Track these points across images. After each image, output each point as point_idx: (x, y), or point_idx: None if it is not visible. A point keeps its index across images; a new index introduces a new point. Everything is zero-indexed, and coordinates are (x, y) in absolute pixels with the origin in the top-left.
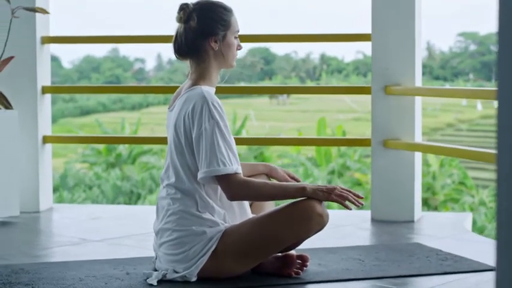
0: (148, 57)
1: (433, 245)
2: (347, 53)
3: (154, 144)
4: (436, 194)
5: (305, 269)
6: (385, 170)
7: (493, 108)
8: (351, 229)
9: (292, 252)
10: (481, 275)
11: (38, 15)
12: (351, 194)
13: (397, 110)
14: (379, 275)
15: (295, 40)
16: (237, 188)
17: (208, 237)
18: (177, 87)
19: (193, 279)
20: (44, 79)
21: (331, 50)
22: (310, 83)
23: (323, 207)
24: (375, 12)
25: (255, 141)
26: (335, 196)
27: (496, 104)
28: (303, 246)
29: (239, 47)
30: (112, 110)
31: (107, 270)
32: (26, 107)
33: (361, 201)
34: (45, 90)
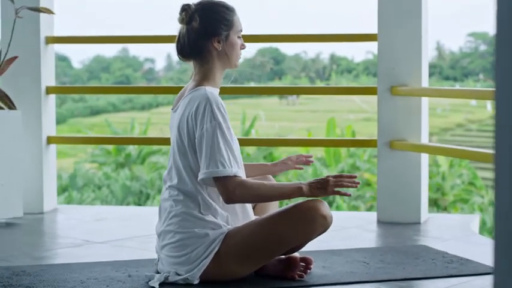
0: (158, 57)
1: (439, 247)
2: (357, 53)
3: (161, 145)
4: (445, 194)
5: (309, 271)
6: (391, 171)
7: None
8: (357, 231)
9: (295, 254)
10: (486, 278)
11: (42, 15)
12: (345, 179)
13: (403, 111)
14: (384, 277)
15: (299, 40)
16: (234, 191)
17: (210, 240)
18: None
19: (196, 282)
20: (48, 79)
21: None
22: (319, 83)
23: (327, 209)
24: (381, 11)
25: (259, 142)
26: (331, 189)
27: (492, 104)
28: (308, 248)
29: (243, 47)
30: (122, 110)
31: (109, 272)
32: (30, 107)
33: (357, 181)
34: (49, 90)
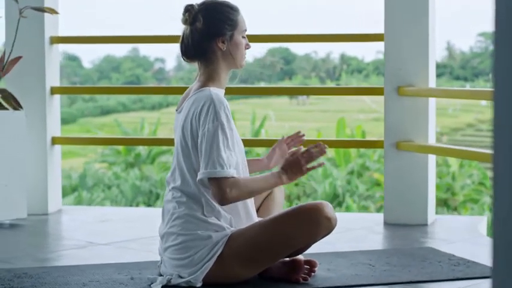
0: (169, 57)
1: (446, 249)
2: (367, 53)
3: (167, 145)
4: (455, 194)
5: (313, 274)
6: (398, 172)
7: None
8: (363, 232)
9: (300, 257)
10: None
11: (46, 15)
12: (313, 152)
13: (410, 112)
14: (389, 280)
15: (304, 40)
16: (230, 192)
17: (214, 242)
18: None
19: (199, 285)
20: (53, 79)
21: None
22: (330, 83)
23: (331, 210)
24: (388, 11)
25: (267, 143)
26: (305, 168)
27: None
28: (313, 250)
29: (247, 46)
30: (132, 110)
31: (111, 274)
32: (35, 107)
33: (323, 146)
34: (54, 90)
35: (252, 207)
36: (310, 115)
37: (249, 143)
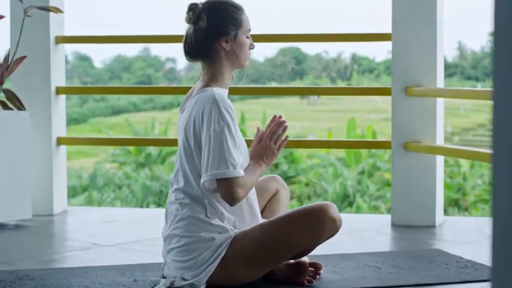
0: (180, 57)
1: (454, 251)
2: (378, 52)
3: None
4: (466, 195)
5: (318, 276)
6: (406, 173)
7: None
8: (370, 234)
9: (305, 259)
10: None
11: (52, 15)
12: (278, 133)
13: (418, 112)
14: (395, 283)
15: (310, 40)
16: (240, 192)
17: (217, 244)
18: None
19: (202, 287)
20: (58, 79)
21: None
22: (341, 83)
23: (336, 211)
24: (395, 10)
25: None
26: (276, 151)
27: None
28: (319, 252)
29: (252, 46)
30: (143, 110)
31: (114, 276)
32: (40, 108)
33: (281, 121)
34: (59, 91)
35: (256, 209)
36: (321, 115)
37: None
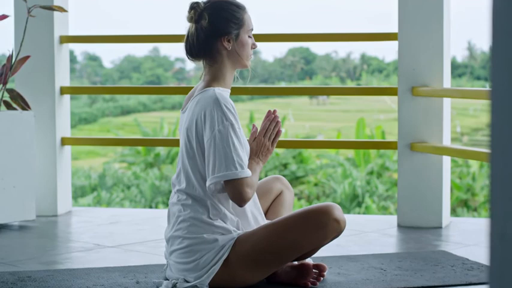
0: None
1: (460, 253)
2: (388, 53)
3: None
4: (475, 195)
5: (322, 278)
6: (412, 174)
7: None
8: (376, 235)
9: (308, 261)
10: None
11: (56, 14)
12: (270, 129)
13: (424, 112)
14: (400, 285)
15: (315, 39)
16: (250, 192)
17: (220, 245)
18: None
19: None
20: (63, 79)
21: (372, 50)
22: (350, 83)
23: (340, 213)
24: (402, 9)
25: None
26: (271, 147)
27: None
28: (324, 253)
29: (254, 46)
30: (152, 110)
31: (117, 278)
32: (44, 108)
33: (274, 116)
34: (63, 90)
35: (259, 210)
36: (331, 115)
37: None
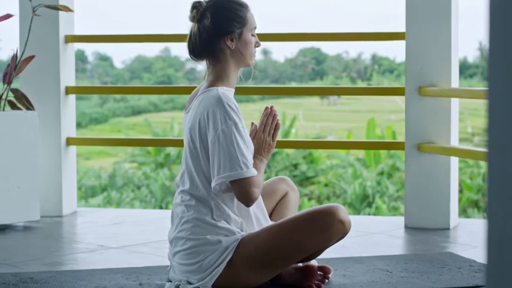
0: None
1: (467, 254)
2: (399, 53)
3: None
4: (486, 195)
5: (327, 281)
6: (419, 174)
7: None
8: (382, 237)
9: (313, 263)
10: None
11: (61, 14)
12: (269, 124)
13: (432, 112)
14: (406, 287)
15: (322, 39)
16: (256, 192)
17: (223, 247)
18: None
19: None
20: (68, 79)
21: (383, 50)
22: (361, 84)
23: (345, 214)
24: (409, 9)
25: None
26: (272, 143)
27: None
28: (330, 255)
29: (257, 45)
30: (163, 110)
31: (119, 280)
32: (49, 108)
33: (272, 112)
34: (69, 90)
35: (263, 211)
36: (341, 115)
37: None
